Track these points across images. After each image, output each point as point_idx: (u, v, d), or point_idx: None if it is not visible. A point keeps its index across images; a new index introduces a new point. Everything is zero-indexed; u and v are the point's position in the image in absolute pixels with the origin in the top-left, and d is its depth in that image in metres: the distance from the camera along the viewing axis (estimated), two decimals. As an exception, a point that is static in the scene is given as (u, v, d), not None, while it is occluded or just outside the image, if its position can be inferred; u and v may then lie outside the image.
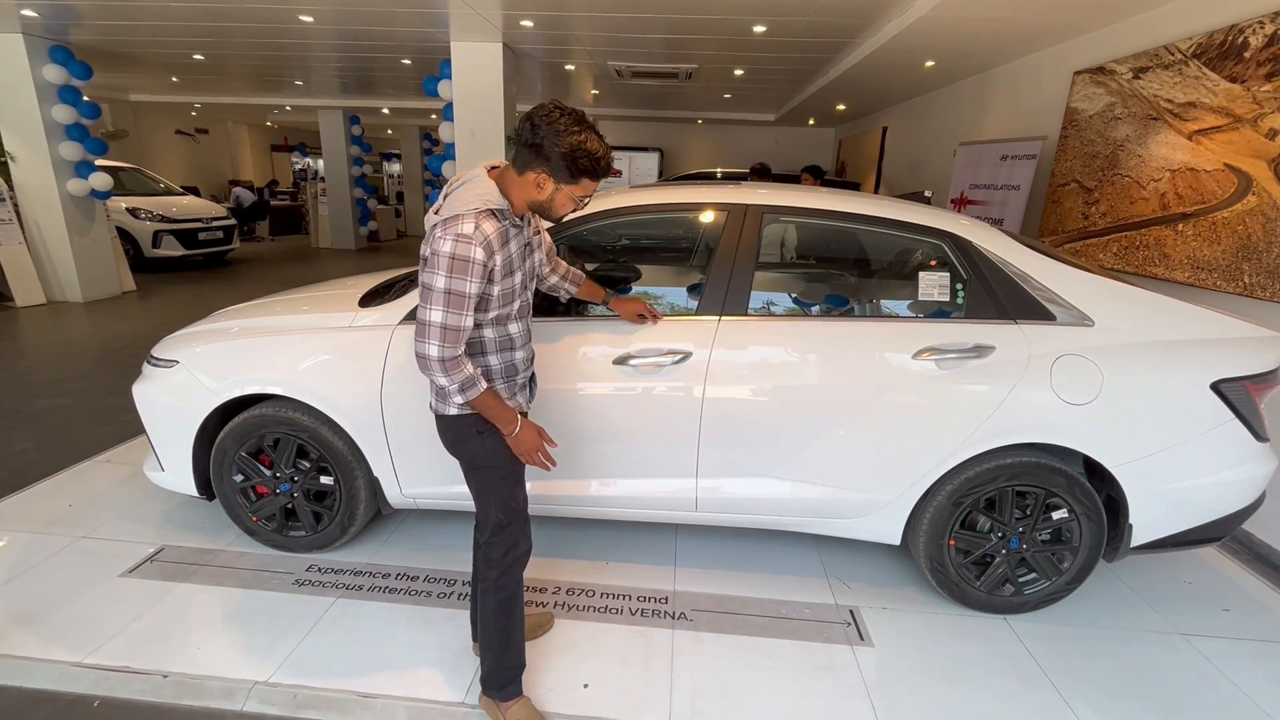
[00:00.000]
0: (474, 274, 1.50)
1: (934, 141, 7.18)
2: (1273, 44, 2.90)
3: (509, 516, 1.75)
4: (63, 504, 2.91)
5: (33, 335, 5.83)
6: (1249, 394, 2.11)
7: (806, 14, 4.88)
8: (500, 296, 1.62)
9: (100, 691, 1.93)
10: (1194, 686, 2.07)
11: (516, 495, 1.78)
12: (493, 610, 1.77)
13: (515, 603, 1.79)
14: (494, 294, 1.60)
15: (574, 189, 1.55)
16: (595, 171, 1.53)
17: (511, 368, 1.75)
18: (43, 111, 6.55)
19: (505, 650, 1.79)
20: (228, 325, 2.59)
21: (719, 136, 12.74)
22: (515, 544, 1.77)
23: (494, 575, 1.76)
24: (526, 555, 1.81)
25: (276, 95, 11.46)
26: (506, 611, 1.78)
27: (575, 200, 1.58)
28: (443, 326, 1.51)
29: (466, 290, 1.51)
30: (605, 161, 1.53)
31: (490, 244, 1.51)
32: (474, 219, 1.50)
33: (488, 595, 1.77)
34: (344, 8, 5.34)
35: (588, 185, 1.56)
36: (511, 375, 1.76)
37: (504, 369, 1.73)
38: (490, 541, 1.76)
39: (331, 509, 2.51)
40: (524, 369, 1.80)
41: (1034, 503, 2.22)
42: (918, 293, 2.30)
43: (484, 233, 1.50)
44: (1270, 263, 2.86)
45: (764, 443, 2.28)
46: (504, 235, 1.56)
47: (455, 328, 1.53)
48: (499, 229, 1.54)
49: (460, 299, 1.51)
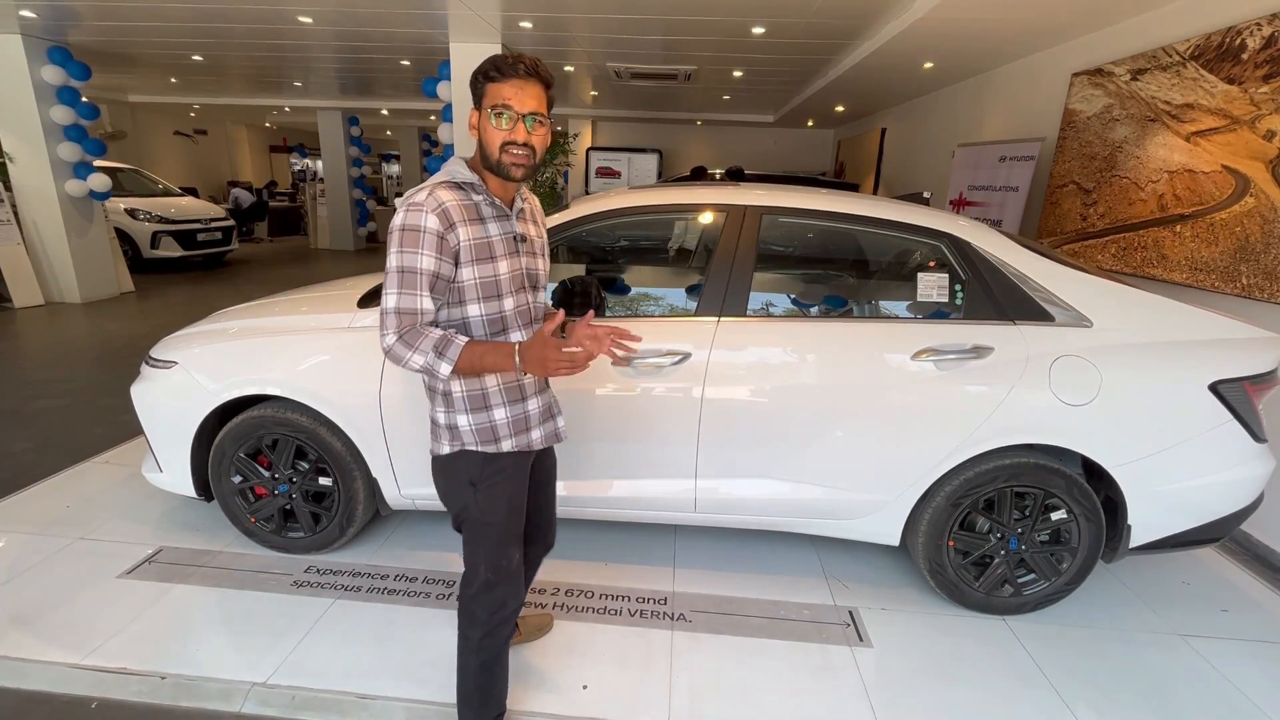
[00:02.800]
0: (426, 245, 1.32)
1: (933, 143, 7.19)
2: (1270, 46, 2.90)
3: (499, 576, 1.56)
4: (61, 505, 2.91)
5: (31, 336, 5.82)
6: (1247, 394, 2.11)
7: (805, 16, 4.88)
8: (479, 287, 1.41)
9: (97, 693, 1.92)
10: (1193, 687, 2.07)
11: (510, 555, 1.57)
12: (473, 671, 1.61)
13: (498, 664, 1.63)
14: (467, 281, 1.40)
15: (487, 102, 1.36)
16: (498, 70, 1.34)
17: (516, 390, 1.51)
18: (41, 112, 6.55)
19: (485, 706, 1.64)
20: (226, 326, 2.59)
21: (718, 138, 12.74)
22: (503, 604, 1.57)
23: (476, 635, 1.57)
24: (516, 613, 1.62)
25: (275, 96, 11.45)
26: (487, 672, 1.61)
27: (497, 117, 1.35)
28: (396, 311, 1.34)
29: (418, 265, 1.33)
30: (503, 58, 1.35)
31: (447, 213, 1.34)
32: (429, 188, 1.37)
33: (468, 655, 1.60)
34: (343, 9, 5.34)
35: (495, 91, 1.35)
36: (517, 401, 1.52)
37: (505, 391, 1.50)
38: (475, 598, 1.56)
39: (330, 510, 2.51)
40: (535, 394, 1.56)
41: (1033, 503, 2.23)
42: (916, 293, 2.30)
43: (438, 199, 1.34)
44: (1268, 264, 2.86)
45: (763, 443, 2.28)
46: (473, 209, 1.40)
47: (410, 310, 1.34)
48: (460, 199, 1.38)
49: (413, 275, 1.33)
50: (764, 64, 6.81)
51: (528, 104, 1.36)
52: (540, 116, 1.39)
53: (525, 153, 1.39)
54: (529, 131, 1.38)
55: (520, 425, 1.53)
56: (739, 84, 8.06)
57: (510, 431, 1.52)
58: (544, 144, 1.43)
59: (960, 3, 3.94)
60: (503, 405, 1.50)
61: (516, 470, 1.57)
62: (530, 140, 1.39)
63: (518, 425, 1.53)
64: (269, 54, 7.51)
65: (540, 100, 1.38)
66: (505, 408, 1.50)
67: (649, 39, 5.93)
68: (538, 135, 1.40)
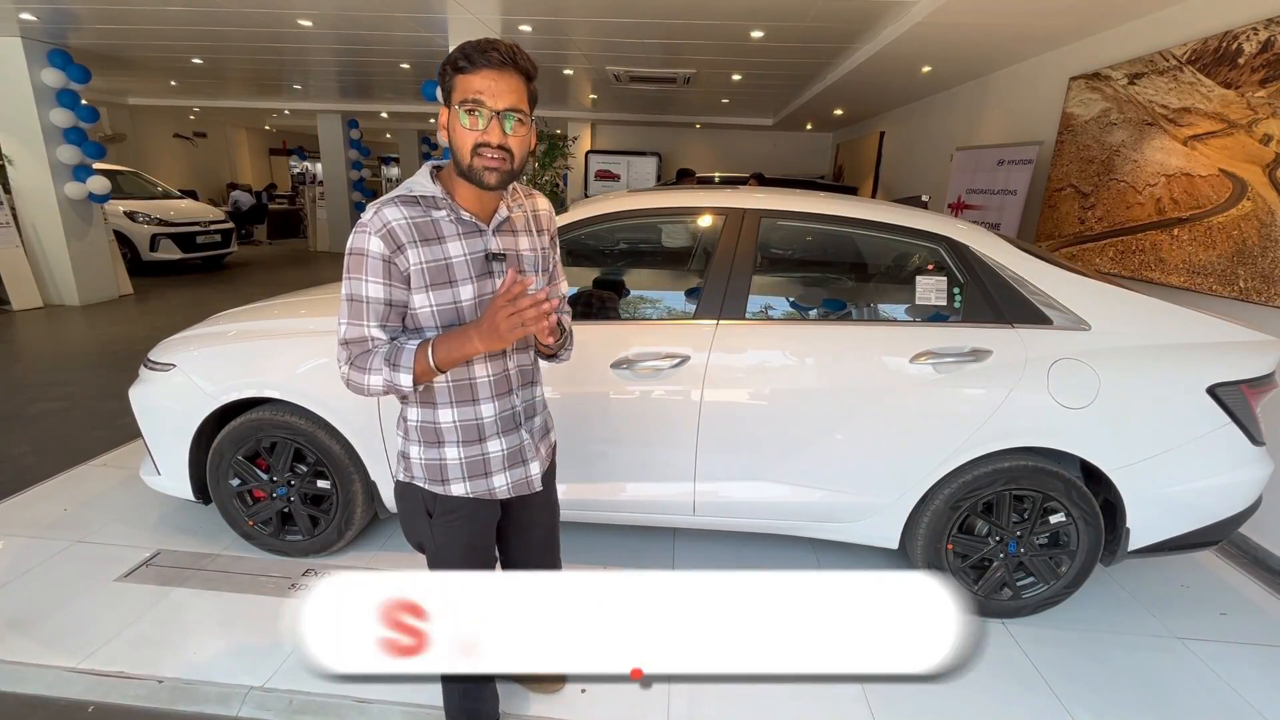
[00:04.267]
0: (369, 270, 1.20)
1: (931, 146, 7.21)
2: (1266, 50, 2.91)
3: None
4: (58, 508, 2.90)
5: (29, 339, 5.82)
6: (1245, 398, 2.11)
7: (804, 19, 4.90)
8: (436, 315, 1.25)
9: (95, 697, 1.92)
10: (1192, 690, 2.07)
11: None
12: (457, 696, 1.57)
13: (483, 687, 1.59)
14: (420, 308, 1.24)
15: (456, 97, 1.17)
16: (467, 60, 1.14)
17: (473, 430, 1.31)
18: (41, 115, 6.55)
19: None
20: (225, 329, 2.59)
21: (717, 141, 12.76)
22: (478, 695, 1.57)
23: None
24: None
25: (275, 99, 11.48)
26: (470, 696, 1.58)
27: (468, 115, 1.16)
28: (344, 342, 1.24)
29: (363, 292, 1.21)
30: (474, 45, 1.15)
31: (393, 233, 1.19)
32: (377, 206, 1.21)
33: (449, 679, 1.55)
34: (342, 13, 5.35)
35: (465, 84, 1.16)
36: (474, 441, 1.32)
37: (462, 429, 1.31)
38: None
39: (328, 513, 2.50)
40: (498, 434, 1.34)
41: (1031, 507, 2.23)
42: (915, 297, 2.30)
43: (383, 218, 1.19)
44: (1265, 267, 2.87)
45: (762, 447, 2.28)
46: (428, 228, 1.21)
47: (358, 339, 1.23)
48: (414, 217, 1.21)
49: (359, 305, 1.22)
50: (763, 67, 6.83)
51: (504, 99, 1.15)
52: (520, 113, 1.17)
53: (500, 156, 1.17)
54: (505, 132, 1.16)
55: (477, 469, 1.34)
56: (738, 87, 8.08)
57: (464, 474, 1.33)
58: (524, 146, 1.21)
59: (958, 7, 3.96)
60: (456, 444, 1.32)
61: (476, 517, 1.39)
62: (506, 142, 1.17)
63: (473, 468, 1.33)
64: (269, 57, 7.53)
65: (519, 94, 1.17)
66: (459, 447, 1.32)
67: (648, 42, 5.95)
68: (516, 136, 1.18)
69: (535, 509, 1.54)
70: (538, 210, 1.42)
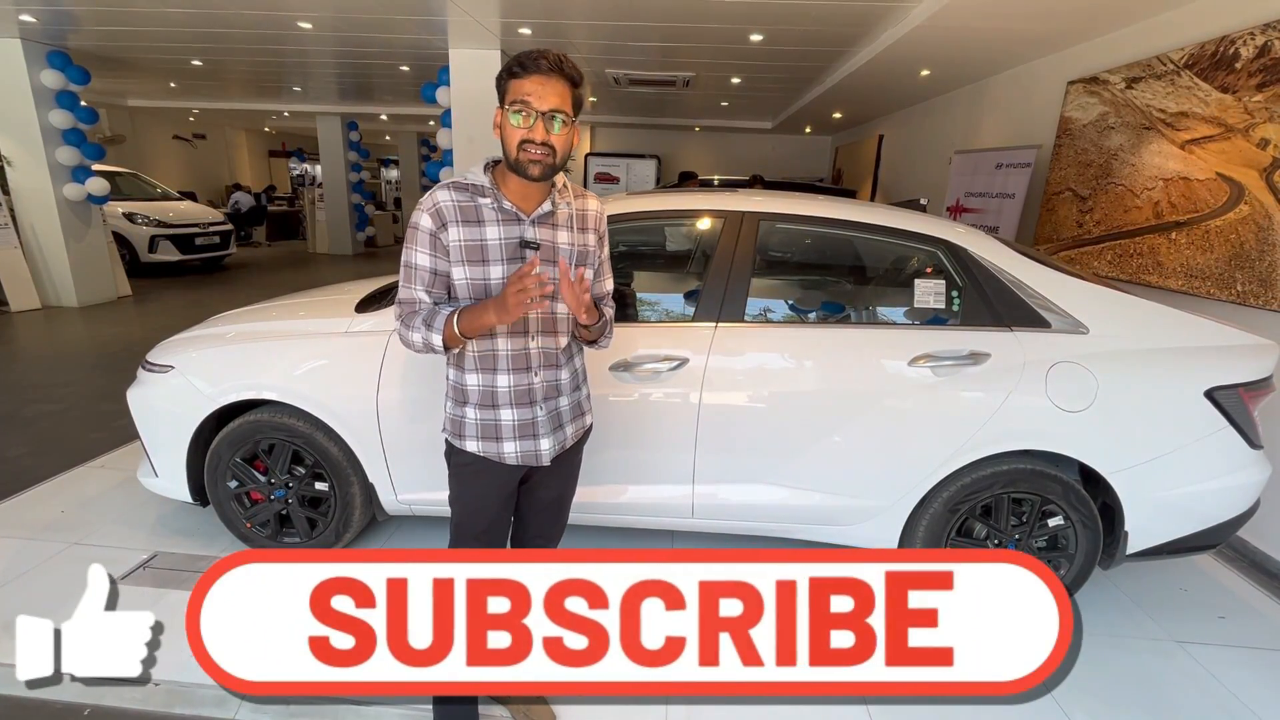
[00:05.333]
0: (419, 242, 1.41)
1: (930, 149, 7.22)
2: (1264, 55, 2.92)
3: None
4: (55, 510, 2.89)
5: (27, 340, 5.81)
6: (1243, 401, 2.12)
7: (803, 23, 4.91)
8: (469, 288, 1.43)
9: (91, 700, 1.91)
10: (1190, 693, 2.07)
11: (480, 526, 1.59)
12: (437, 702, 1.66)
13: None
14: (458, 280, 1.43)
15: (508, 98, 1.34)
16: (520, 66, 1.32)
17: (489, 395, 1.48)
18: (40, 116, 6.55)
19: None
20: (223, 330, 2.59)
21: (716, 144, 12.78)
22: None
23: None
24: None
25: (275, 101, 11.48)
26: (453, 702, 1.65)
27: (516, 114, 1.33)
28: (399, 302, 1.46)
29: (414, 260, 1.42)
30: (527, 54, 1.32)
31: (440, 211, 1.40)
32: (434, 189, 1.43)
33: None
34: (342, 15, 5.36)
35: (516, 87, 1.33)
36: (489, 406, 1.48)
37: (480, 394, 1.48)
38: None
39: (326, 515, 2.50)
40: (513, 405, 1.48)
41: (1030, 510, 2.22)
42: (913, 300, 2.31)
43: (435, 199, 1.40)
44: (1262, 270, 2.88)
45: (760, 449, 2.28)
46: (471, 211, 1.41)
47: (409, 301, 1.45)
48: (456, 199, 1.41)
49: (410, 270, 1.43)
50: (762, 71, 6.85)
51: (548, 100, 1.32)
52: (564, 115, 1.34)
53: (543, 151, 1.34)
54: (548, 130, 1.33)
55: (489, 431, 1.49)
56: (737, 90, 8.10)
57: (478, 434, 1.50)
58: (566, 144, 1.38)
59: (957, 11, 3.97)
60: (474, 406, 1.50)
61: (488, 475, 1.54)
62: (549, 139, 1.34)
63: (486, 430, 1.49)
64: (269, 59, 7.54)
65: (564, 98, 1.34)
66: (477, 409, 1.49)
67: (648, 45, 5.96)
68: (559, 135, 1.35)
69: (550, 473, 1.63)
70: (586, 209, 1.55)
